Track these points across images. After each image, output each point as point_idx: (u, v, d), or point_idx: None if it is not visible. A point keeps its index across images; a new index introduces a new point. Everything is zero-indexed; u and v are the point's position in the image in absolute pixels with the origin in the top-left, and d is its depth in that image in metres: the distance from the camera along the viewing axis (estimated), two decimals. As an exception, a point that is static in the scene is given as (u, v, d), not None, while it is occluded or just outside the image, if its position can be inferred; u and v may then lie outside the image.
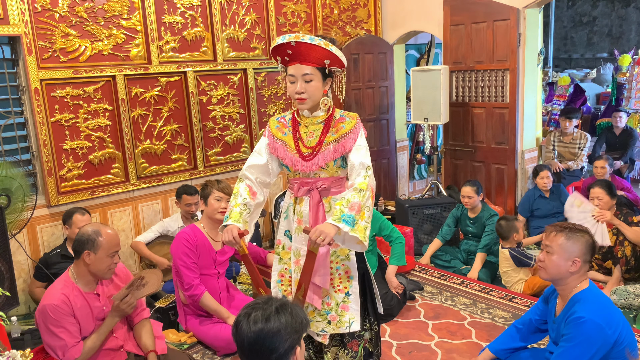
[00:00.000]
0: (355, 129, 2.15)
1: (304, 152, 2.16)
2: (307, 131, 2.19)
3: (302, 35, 2.03)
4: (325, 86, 2.14)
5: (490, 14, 4.70)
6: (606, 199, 3.55)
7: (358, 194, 2.02)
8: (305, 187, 2.19)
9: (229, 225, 2.10)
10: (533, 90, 4.90)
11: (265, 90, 4.80)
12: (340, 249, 2.20)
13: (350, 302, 2.21)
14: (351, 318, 2.21)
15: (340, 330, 2.21)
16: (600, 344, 1.90)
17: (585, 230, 2.08)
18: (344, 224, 1.96)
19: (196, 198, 3.83)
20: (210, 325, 3.01)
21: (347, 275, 2.22)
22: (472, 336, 3.08)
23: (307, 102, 2.12)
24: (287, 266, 2.30)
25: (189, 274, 2.90)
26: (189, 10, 4.20)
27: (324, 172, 2.17)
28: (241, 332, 1.43)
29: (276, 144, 2.22)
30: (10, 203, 3.15)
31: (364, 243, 2.02)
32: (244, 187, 2.23)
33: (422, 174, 6.81)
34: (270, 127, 2.27)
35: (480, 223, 4.09)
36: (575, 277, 2.04)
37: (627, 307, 3.26)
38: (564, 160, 5.46)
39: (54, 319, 2.22)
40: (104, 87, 3.86)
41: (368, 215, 2.03)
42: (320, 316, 2.23)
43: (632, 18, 12.43)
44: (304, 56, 2.06)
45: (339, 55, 2.08)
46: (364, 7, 5.49)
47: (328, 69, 2.11)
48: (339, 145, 2.13)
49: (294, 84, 2.10)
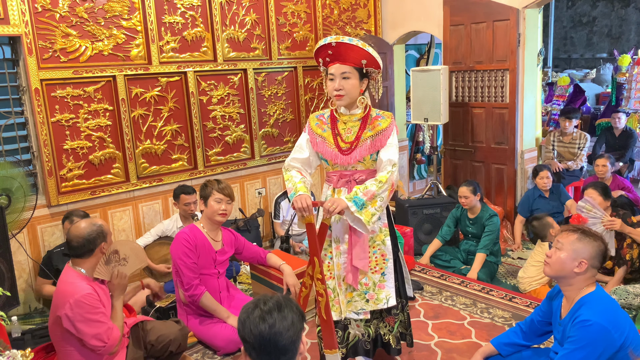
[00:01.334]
0: (390, 127, 2.37)
1: (342, 146, 2.37)
2: (345, 127, 2.39)
3: (342, 37, 2.25)
4: (362, 85, 2.35)
5: (490, 14, 4.71)
6: (599, 200, 3.54)
7: (376, 184, 2.27)
8: (344, 179, 2.40)
9: (302, 194, 2.27)
10: (533, 91, 4.90)
11: (265, 91, 4.80)
12: (377, 235, 2.43)
13: (386, 281, 2.44)
14: (388, 295, 2.44)
15: (379, 307, 2.44)
16: (606, 346, 1.90)
17: (600, 236, 2.07)
18: (352, 203, 2.22)
19: (194, 197, 3.83)
20: (210, 325, 3.01)
21: (382, 257, 2.44)
22: (471, 336, 3.08)
23: (344, 99, 2.31)
24: (327, 252, 2.48)
25: (189, 274, 2.91)
26: (189, 11, 4.20)
27: (360, 165, 2.38)
28: (250, 329, 1.44)
29: (316, 140, 2.43)
30: (10, 203, 3.15)
31: (367, 227, 2.25)
32: (294, 172, 2.44)
33: (422, 174, 6.82)
34: (310, 124, 2.48)
35: (480, 223, 4.09)
36: (580, 279, 2.04)
37: (627, 307, 3.26)
38: (563, 160, 5.46)
39: (92, 306, 2.29)
40: (104, 87, 3.86)
41: (380, 204, 2.26)
42: (359, 296, 2.44)
43: (631, 18, 12.44)
44: (343, 56, 2.28)
45: (375, 55, 2.27)
46: (364, 8, 5.49)
47: (365, 69, 2.31)
48: (375, 141, 2.35)
49: (333, 81, 2.30)
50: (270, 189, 4.97)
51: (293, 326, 1.45)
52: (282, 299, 1.50)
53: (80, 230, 2.37)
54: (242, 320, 1.47)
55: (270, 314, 1.44)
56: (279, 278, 3.22)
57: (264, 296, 1.52)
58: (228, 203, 3.00)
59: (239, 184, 4.75)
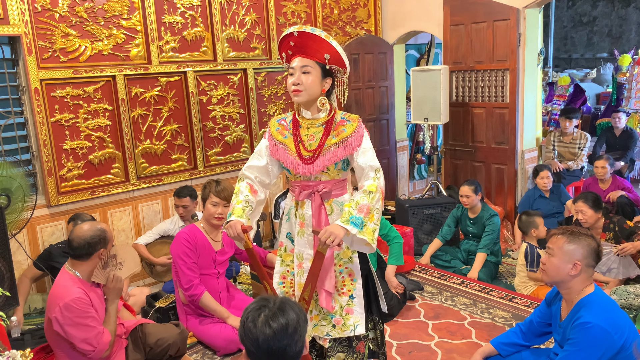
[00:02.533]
0: (357, 132, 2.14)
1: (304, 155, 2.15)
2: (308, 134, 2.17)
3: (305, 27, 2.08)
4: (324, 84, 2.14)
5: (490, 14, 4.70)
6: (590, 213, 3.53)
7: (367, 196, 2.04)
8: (307, 191, 2.18)
9: (232, 220, 2.11)
10: (533, 90, 4.90)
11: (265, 90, 4.79)
12: (343, 252, 2.20)
13: (355, 305, 2.20)
14: (356, 321, 2.20)
15: (345, 334, 2.20)
16: (606, 348, 1.89)
17: (590, 235, 2.06)
18: (352, 226, 1.98)
19: (184, 201, 3.83)
20: (210, 325, 3.01)
21: (350, 277, 2.22)
22: (472, 336, 3.08)
23: (302, 95, 2.09)
24: (289, 268, 2.30)
25: (189, 274, 2.90)
26: (189, 10, 4.20)
27: (324, 176, 2.16)
28: (253, 334, 1.41)
29: (277, 147, 2.21)
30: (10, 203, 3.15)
31: (372, 245, 2.03)
32: (244, 185, 2.24)
33: (422, 174, 6.81)
34: (270, 129, 2.26)
35: (481, 223, 4.09)
36: (578, 281, 2.03)
37: (627, 307, 3.26)
38: (564, 160, 5.46)
39: (81, 310, 2.28)
40: (104, 87, 3.85)
41: (377, 217, 2.05)
42: (325, 320, 2.22)
43: (632, 18, 12.43)
44: (305, 49, 2.09)
45: (339, 51, 2.08)
46: (364, 7, 5.49)
47: (328, 65, 2.11)
48: (339, 149, 2.13)
49: (292, 75, 2.10)
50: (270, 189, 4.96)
51: (296, 332, 1.42)
52: (284, 303, 1.46)
53: (83, 232, 2.37)
54: (243, 327, 1.44)
55: (273, 319, 1.41)
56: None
57: (265, 299, 1.49)
58: (225, 206, 2.97)
59: (239, 184, 4.74)
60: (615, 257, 3.41)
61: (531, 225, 3.73)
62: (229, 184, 3.04)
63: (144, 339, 2.63)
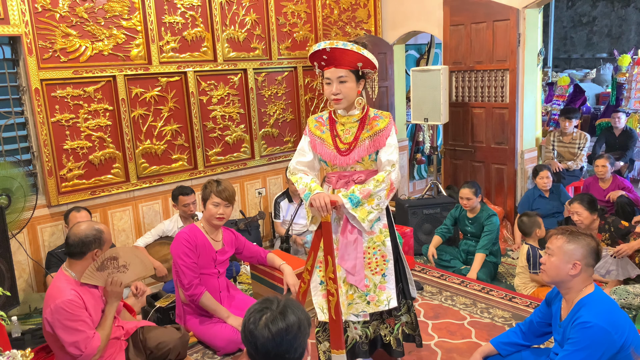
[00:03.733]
0: (388, 127, 2.37)
1: (341, 147, 2.38)
2: (344, 129, 2.40)
3: (337, 42, 2.23)
4: (359, 87, 2.35)
5: (490, 14, 4.71)
6: (585, 214, 3.54)
7: (373, 183, 2.30)
8: (343, 180, 2.41)
9: (318, 193, 2.27)
10: (533, 91, 4.90)
11: (266, 91, 4.80)
12: (377, 236, 2.41)
13: (387, 282, 2.43)
14: (389, 296, 2.42)
15: (380, 308, 2.42)
16: (606, 348, 1.90)
17: (589, 234, 2.07)
18: (348, 200, 2.27)
19: (192, 197, 3.83)
20: (210, 325, 3.01)
21: (383, 259, 2.43)
22: (472, 336, 3.08)
23: (342, 102, 2.32)
24: None
25: (189, 274, 2.91)
26: (189, 11, 4.20)
27: (359, 166, 2.39)
28: (253, 336, 1.40)
29: (315, 141, 2.44)
30: (10, 203, 3.15)
31: (363, 224, 2.29)
32: (302, 174, 2.45)
33: (422, 174, 6.81)
34: (309, 127, 2.49)
35: (479, 223, 4.09)
36: (578, 281, 2.03)
37: (626, 306, 3.26)
38: (563, 160, 5.46)
39: (71, 313, 2.25)
40: (104, 87, 3.86)
41: (377, 203, 2.30)
42: (360, 298, 2.42)
43: (631, 18, 12.44)
44: (339, 60, 2.26)
45: (370, 57, 2.26)
46: (364, 8, 5.49)
47: (361, 70, 2.30)
48: (373, 142, 2.36)
49: (330, 85, 2.31)
50: (270, 189, 4.97)
51: (296, 339, 1.41)
52: (286, 307, 1.44)
53: (80, 230, 2.36)
54: (245, 327, 1.43)
55: (274, 323, 1.40)
56: (279, 278, 3.22)
57: (269, 301, 1.47)
58: (226, 207, 2.96)
59: (239, 184, 4.75)
60: (613, 260, 3.41)
61: (534, 226, 3.73)
62: (229, 184, 3.02)
63: (144, 342, 2.61)
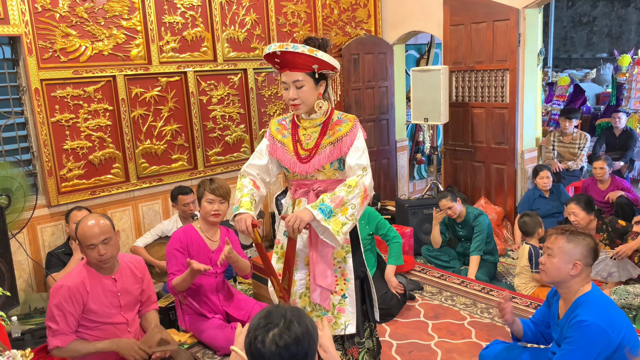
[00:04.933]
0: (352, 131, 2.17)
1: (301, 154, 2.19)
2: (306, 133, 2.21)
3: (287, 44, 2.05)
4: (319, 89, 2.16)
5: (490, 14, 4.70)
6: (582, 214, 3.55)
7: (345, 189, 2.05)
8: (302, 189, 2.23)
9: (242, 214, 2.11)
10: (533, 91, 4.90)
11: (266, 90, 4.80)
12: (337, 252, 2.22)
13: (346, 305, 2.23)
14: (347, 320, 2.22)
15: (336, 332, 2.22)
16: (603, 347, 1.90)
17: (587, 234, 2.07)
18: (319, 211, 1.99)
19: (192, 197, 3.83)
20: (209, 325, 3.01)
21: (343, 277, 2.24)
22: (472, 336, 3.08)
23: (301, 107, 2.15)
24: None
25: (171, 266, 2.95)
26: (189, 11, 4.20)
27: (320, 175, 2.20)
28: (263, 355, 1.35)
29: (276, 146, 2.26)
30: (10, 203, 3.15)
31: (337, 238, 2.01)
32: (247, 180, 2.27)
33: (422, 174, 6.81)
34: (270, 129, 2.31)
35: (469, 225, 4.07)
36: (577, 280, 2.04)
37: (627, 307, 3.26)
38: (563, 160, 5.46)
39: (61, 302, 2.27)
40: (104, 87, 3.86)
41: (351, 212, 2.04)
42: (317, 317, 2.25)
43: (632, 18, 12.44)
44: (292, 63, 2.09)
45: (325, 59, 2.08)
46: (364, 7, 5.49)
47: (318, 72, 2.12)
48: (335, 148, 2.16)
49: (287, 90, 2.13)
50: (270, 188, 4.97)
51: (306, 357, 1.37)
52: (292, 316, 1.39)
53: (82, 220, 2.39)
54: (250, 344, 1.38)
55: (282, 337, 1.35)
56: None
57: (270, 314, 1.41)
58: (221, 203, 2.98)
59: (239, 184, 4.74)
60: (613, 262, 3.41)
61: (537, 226, 3.73)
62: (223, 181, 3.04)
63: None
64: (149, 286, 2.64)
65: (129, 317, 2.51)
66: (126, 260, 2.56)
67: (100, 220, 2.36)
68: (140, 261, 2.63)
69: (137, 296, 2.55)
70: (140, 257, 2.72)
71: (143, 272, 2.60)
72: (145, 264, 2.66)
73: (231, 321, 3.10)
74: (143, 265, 2.63)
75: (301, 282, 2.27)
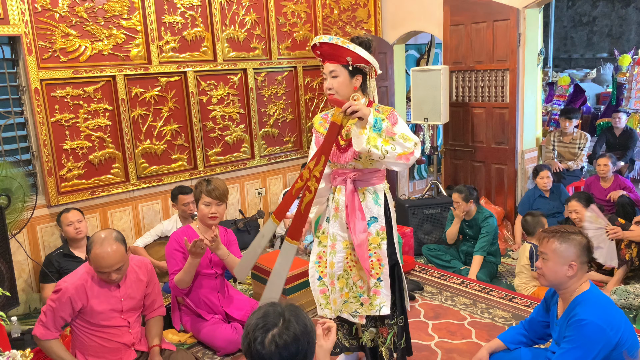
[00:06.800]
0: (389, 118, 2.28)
1: (341, 144, 2.34)
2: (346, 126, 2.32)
3: (324, 36, 2.21)
4: (355, 82, 2.27)
5: (490, 14, 4.70)
6: (583, 211, 3.55)
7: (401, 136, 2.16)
8: (340, 177, 2.38)
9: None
10: (533, 90, 4.90)
11: (265, 90, 4.80)
12: (373, 238, 2.34)
13: (381, 287, 2.36)
14: (382, 302, 2.36)
15: (371, 313, 2.37)
16: (602, 345, 1.90)
17: (578, 231, 2.07)
18: (373, 120, 2.10)
19: (192, 196, 3.82)
20: (209, 325, 3.00)
21: (379, 262, 2.37)
22: (472, 336, 3.08)
23: (335, 97, 2.27)
24: (325, 249, 2.47)
25: (172, 266, 2.94)
26: (189, 11, 4.20)
27: (358, 164, 2.34)
28: (262, 356, 1.35)
29: (319, 138, 2.40)
30: (10, 203, 3.15)
31: (361, 140, 2.09)
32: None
33: (422, 174, 6.81)
34: (314, 124, 2.49)
35: (477, 225, 4.08)
36: (574, 280, 2.04)
37: (627, 307, 3.26)
38: (563, 160, 5.46)
39: (57, 299, 2.28)
40: (104, 87, 3.86)
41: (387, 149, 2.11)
42: (354, 298, 2.40)
43: (632, 18, 12.44)
44: (329, 55, 2.25)
45: (358, 52, 2.19)
46: (364, 7, 5.49)
47: (353, 65, 2.24)
48: None
49: (326, 80, 2.28)
50: (270, 189, 4.97)
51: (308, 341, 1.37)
52: (289, 315, 1.38)
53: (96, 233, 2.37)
54: (252, 348, 1.37)
55: (281, 337, 1.34)
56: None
57: (267, 314, 1.39)
58: (218, 205, 2.91)
59: (239, 184, 4.75)
60: (606, 237, 3.41)
61: (539, 225, 3.73)
62: (220, 182, 2.96)
63: None
64: (154, 290, 2.60)
65: (131, 319, 2.49)
66: (132, 264, 2.50)
67: (114, 246, 2.27)
68: (146, 264, 2.57)
69: (140, 300, 2.53)
70: (147, 259, 2.68)
71: (149, 276, 2.55)
72: (152, 267, 2.60)
73: (231, 321, 3.09)
74: (150, 268, 2.58)
75: (339, 264, 2.39)
